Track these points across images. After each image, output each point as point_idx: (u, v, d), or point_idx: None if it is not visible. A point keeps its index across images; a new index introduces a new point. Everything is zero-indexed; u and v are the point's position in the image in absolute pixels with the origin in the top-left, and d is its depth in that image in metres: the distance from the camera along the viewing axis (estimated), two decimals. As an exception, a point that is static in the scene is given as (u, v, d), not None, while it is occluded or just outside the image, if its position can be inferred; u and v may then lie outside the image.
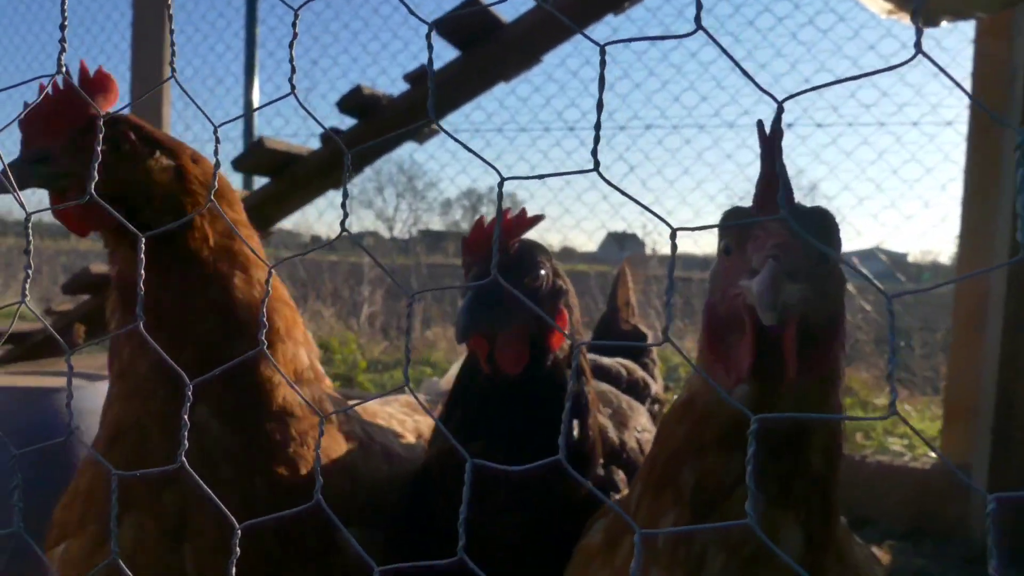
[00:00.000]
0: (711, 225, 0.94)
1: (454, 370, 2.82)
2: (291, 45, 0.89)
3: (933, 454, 4.36)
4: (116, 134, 1.33)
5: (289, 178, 4.23)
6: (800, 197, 1.08)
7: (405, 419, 2.03)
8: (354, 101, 3.95)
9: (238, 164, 4.13)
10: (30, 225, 1.00)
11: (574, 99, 7.11)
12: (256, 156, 4.17)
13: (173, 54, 1.04)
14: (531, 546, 1.46)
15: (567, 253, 13.87)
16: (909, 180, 5.89)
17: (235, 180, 5.63)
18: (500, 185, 0.76)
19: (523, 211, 1.52)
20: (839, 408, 1.10)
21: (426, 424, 2.24)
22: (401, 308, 8.91)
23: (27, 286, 1.00)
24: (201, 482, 0.92)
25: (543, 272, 1.50)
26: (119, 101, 1.36)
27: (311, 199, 4.55)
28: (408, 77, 3.92)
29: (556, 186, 9.48)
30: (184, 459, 1.24)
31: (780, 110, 0.71)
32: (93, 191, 0.84)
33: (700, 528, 1.10)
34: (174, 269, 1.38)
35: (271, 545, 1.35)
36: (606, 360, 2.28)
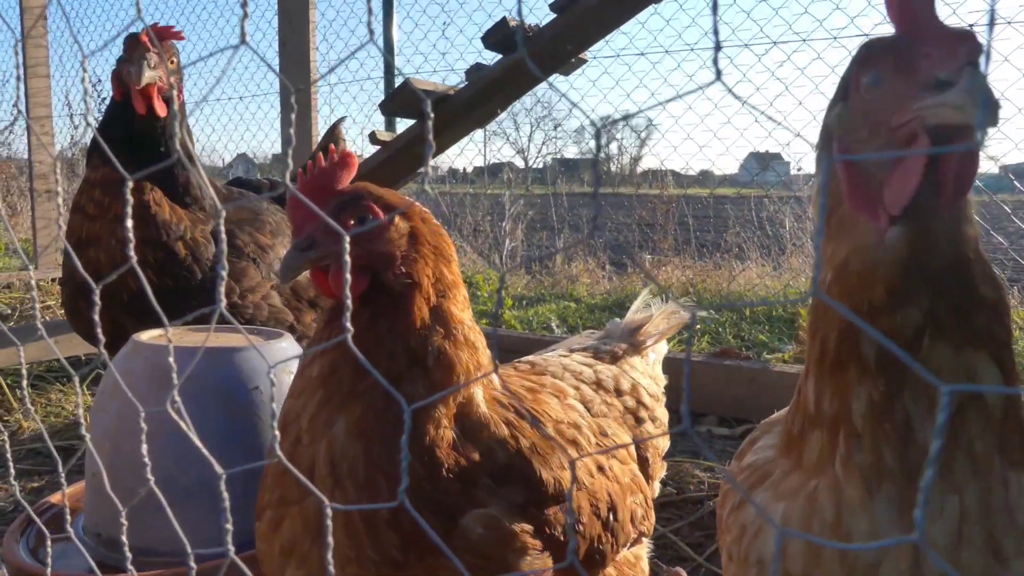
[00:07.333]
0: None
1: (640, 301, 2.64)
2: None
3: None
4: (362, 209, 1.45)
5: (437, 118, 4.17)
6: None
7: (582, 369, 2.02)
8: (500, 34, 3.81)
9: (385, 107, 4.11)
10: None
11: (694, 18, 6.61)
12: (402, 98, 4.13)
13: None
14: None
15: (706, 176, 13.35)
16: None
17: (378, 121, 5.66)
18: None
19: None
20: (977, 240, 1.08)
21: (608, 371, 2.13)
22: (542, 242, 8.86)
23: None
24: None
25: None
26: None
27: (459, 138, 4.48)
28: (554, 6, 3.72)
29: (703, 110, 9.03)
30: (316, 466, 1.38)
31: None
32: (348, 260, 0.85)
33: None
34: (386, 317, 1.46)
35: (394, 552, 1.39)
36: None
